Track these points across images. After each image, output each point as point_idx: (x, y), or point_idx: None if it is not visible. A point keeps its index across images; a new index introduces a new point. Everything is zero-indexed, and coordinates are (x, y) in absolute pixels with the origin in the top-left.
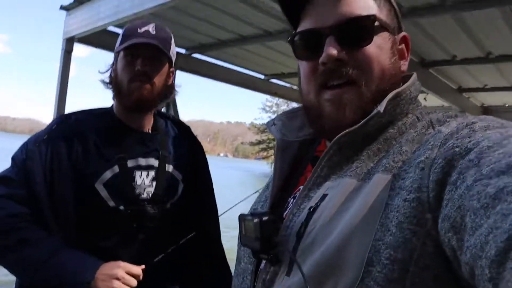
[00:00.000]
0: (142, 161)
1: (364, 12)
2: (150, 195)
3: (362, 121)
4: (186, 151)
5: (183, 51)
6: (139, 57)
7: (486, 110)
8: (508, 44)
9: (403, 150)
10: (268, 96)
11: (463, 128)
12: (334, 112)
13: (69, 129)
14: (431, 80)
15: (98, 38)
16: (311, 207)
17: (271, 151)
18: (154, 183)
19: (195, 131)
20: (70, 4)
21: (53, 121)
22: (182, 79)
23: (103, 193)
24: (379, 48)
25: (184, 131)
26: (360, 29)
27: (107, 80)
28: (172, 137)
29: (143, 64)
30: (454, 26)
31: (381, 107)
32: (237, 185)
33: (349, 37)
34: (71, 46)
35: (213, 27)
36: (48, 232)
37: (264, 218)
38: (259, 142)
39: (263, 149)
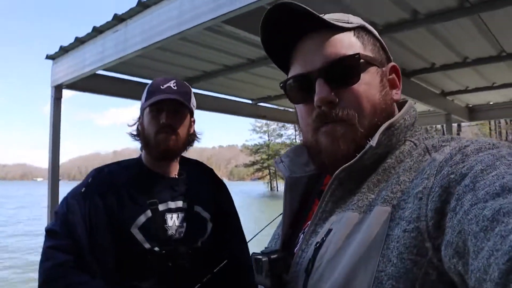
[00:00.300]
0: (172, 204)
1: (349, 52)
2: (182, 235)
3: (357, 156)
4: (211, 192)
5: None
6: (163, 111)
7: (472, 110)
8: (482, 48)
9: (401, 180)
10: None
11: (456, 153)
12: (330, 144)
13: (103, 181)
14: (414, 88)
15: (85, 83)
16: (317, 243)
17: (266, 171)
18: (184, 224)
19: None
20: (55, 53)
21: (88, 175)
22: None
23: (139, 236)
24: (367, 85)
25: (207, 173)
26: (346, 69)
27: (135, 132)
28: (197, 180)
29: (167, 117)
30: (428, 37)
31: (373, 141)
32: (238, 209)
33: (337, 77)
34: (60, 93)
35: (198, 61)
36: (91, 277)
37: (273, 256)
38: (253, 163)
39: (258, 170)
